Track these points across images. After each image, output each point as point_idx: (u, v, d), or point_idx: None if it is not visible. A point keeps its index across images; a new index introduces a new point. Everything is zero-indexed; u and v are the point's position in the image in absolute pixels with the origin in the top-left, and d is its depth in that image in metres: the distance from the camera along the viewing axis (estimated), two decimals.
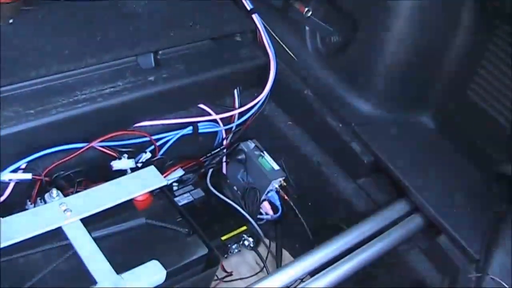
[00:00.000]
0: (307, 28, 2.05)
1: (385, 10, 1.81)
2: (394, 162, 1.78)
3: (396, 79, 1.90)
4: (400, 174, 1.76)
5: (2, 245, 1.32)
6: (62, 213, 1.42)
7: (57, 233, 1.40)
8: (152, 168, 1.61)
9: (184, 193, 2.03)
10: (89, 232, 1.41)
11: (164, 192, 1.60)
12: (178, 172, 1.93)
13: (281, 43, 2.06)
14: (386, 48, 1.86)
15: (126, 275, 1.34)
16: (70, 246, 1.38)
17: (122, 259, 1.38)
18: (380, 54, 1.87)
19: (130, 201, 1.52)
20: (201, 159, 2.03)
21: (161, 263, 1.39)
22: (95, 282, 1.31)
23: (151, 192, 1.56)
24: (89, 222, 1.43)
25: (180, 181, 2.01)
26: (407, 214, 1.75)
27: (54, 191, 1.47)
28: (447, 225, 1.66)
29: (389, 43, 1.85)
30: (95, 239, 1.40)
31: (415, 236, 1.73)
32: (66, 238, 1.39)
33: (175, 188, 2.02)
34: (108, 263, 1.35)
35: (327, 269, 1.58)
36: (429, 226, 1.72)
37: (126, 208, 1.51)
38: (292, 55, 2.04)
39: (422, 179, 1.77)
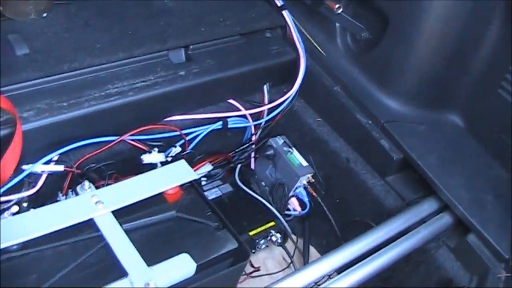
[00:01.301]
0: (337, 24, 2.05)
1: (416, 8, 1.81)
2: (424, 160, 1.78)
3: (426, 77, 1.89)
4: (430, 171, 1.75)
5: (36, 235, 1.33)
6: (94, 205, 1.43)
7: (88, 225, 1.41)
8: (182, 162, 1.62)
9: (213, 188, 2.04)
10: (120, 224, 1.42)
11: (194, 186, 1.60)
12: (207, 167, 1.94)
13: (311, 39, 2.06)
14: (416, 46, 1.86)
15: (157, 267, 1.35)
16: (101, 238, 1.39)
17: (153, 252, 1.39)
18: (411, 52, 1.87)
19: (161, 194, 1.53)
20: (230, 154, 2.04)
21: (191, 256, 1.40)
22: (126, 274, 1.32)
23: (181, 186, 1.57)
24: (120, 214, 1.44)
25: (208, 176, 2.02)
26: (436, 212, 1.75)
27: (86, 183, 1.49)
28: (476, 223, 1.65)
29: (420, 41, 1.85)
30: (126, 231, 1.41)
31: (444, 234, 1.73)
32: (98, 230, 1.40)
33: (203, 183, 2.03)
34: (139, 255, 1.36)
35: (354, 266, 1.57)
36: (458, 224, 1.71)
37: (156, 201, 1.51)
38: (321, 51, 2.04)
39: (451, 177, 1.76)
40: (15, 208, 1.48)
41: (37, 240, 1.34)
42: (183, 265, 1.38)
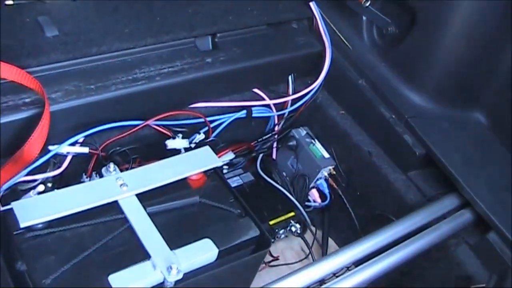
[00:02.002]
0: (364, 18, 2.05)
1: (445, 5, 1.80)
2: (446, 156, 1.78)
3: (451, 75, 1.89)
4: (452, 168, 1.75)
5: (61, 215, 1.35)
6: (119, 187, 1.44)
7: (112, 207, 1.42)
8: (207, 148, 1.63)
9: (234, 176, 2.05)
10: (144, 208, 1.43)
11: (218, 173, 1.61)
12: (229, 155, 1.95)
13: (337, 32, 2.06)
14: (443, 43, 1.85)
15: (179, 251, 1.36)
16: (125, 220, 1.40)
17: (175, 236, 1.40)
18: (437, 48, 1.86)
19: (185, 179, 1.54)
20: (252, 143, 2.04)
21: (213, 242, 1.41)
22: (148, 256, 1.33)
23: (205, 172, 1.58)
24: (144, 198, 1.45)
25: (230, 164, 2.03)
26: (456, 209, 1.74)
27: (112, 166, 1.49)
28: (497, 221, 1.65)
29: (447, 38, 1.84)
30: (150, 215, 1.42)
31: (464, 231, 1.73)
32: (122, 212, 1.41)
33: (225, 171, 2.04)
34: (162, 239, 1.37)
35: (373, 260, 1.57)
36: (479, 222, 1.71)
37: (180, 186, 1.52)
38: (347, 44, 2.04)
39: (474, 175, 1.76)
40: (41, 187, 1.50)
41: (62, 219, 1.35)
42: (205, 250, 1.39)
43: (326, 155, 2.04)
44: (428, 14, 1.85)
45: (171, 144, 1.70)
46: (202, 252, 1.38)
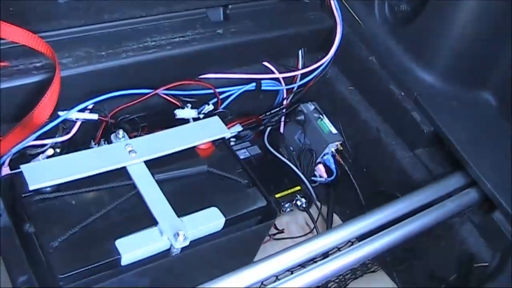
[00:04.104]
0: None
1: None
2: (454, 134, 1.77)
3: (462, 54, 1.88)
4: (460, 147, 1.75)
5: (70, 179, 1.36)
6: (128, 153, 1.45)
7: (120, 173, 1.44)
8: (216, 118, 1.63)
9: (241, 149, 2.05)
10: (152, 175, 1.44)
11: (226, 143, 1.62)
12: (237, 128, 1.95)
13: (349, 8, 2.05)
14: (455, 22, 1.84)
15: (186, 218, 1.37)
16: (133, 186, 1.41)
17: (183, 203, 1.41)
18: (449, 27, 1.85)
19: (193, 148, 1.55)
20: (260, 116, 2.05)
21: (220, 211, 1.42)
22: (156, 222, 1.34)
23: (213, 142, 1.59)
24: (152, 165, 1.46)
25: (238, 136, 2.03)
26: (462, 188, 1.74)
27: (121, 132, 1.50)
28: (502, 201, 1.65)
29: (459, 18, 1.83)
30: (158, 182, 1.43)
31: (469, 209, 1.73)
32: (130, 178, 1.42)
33: (232, 143, 2.04)
34: (169, 206, 1.38)
35: (376, 235, 1.58)
36: (484, 201, 1.71)
37: (188, 155, 1.53)
38: (359, 20, 2.03)
39: (481, 154, 1.75)
40: (50, 151, 1.51)
41: (71, 184, 1.37)
42: (212, 219, 1.40)
43: (334, 130, 2.04)
44: None
45: (180, 113, 1.70)
46: (209, 220, 1.40)
